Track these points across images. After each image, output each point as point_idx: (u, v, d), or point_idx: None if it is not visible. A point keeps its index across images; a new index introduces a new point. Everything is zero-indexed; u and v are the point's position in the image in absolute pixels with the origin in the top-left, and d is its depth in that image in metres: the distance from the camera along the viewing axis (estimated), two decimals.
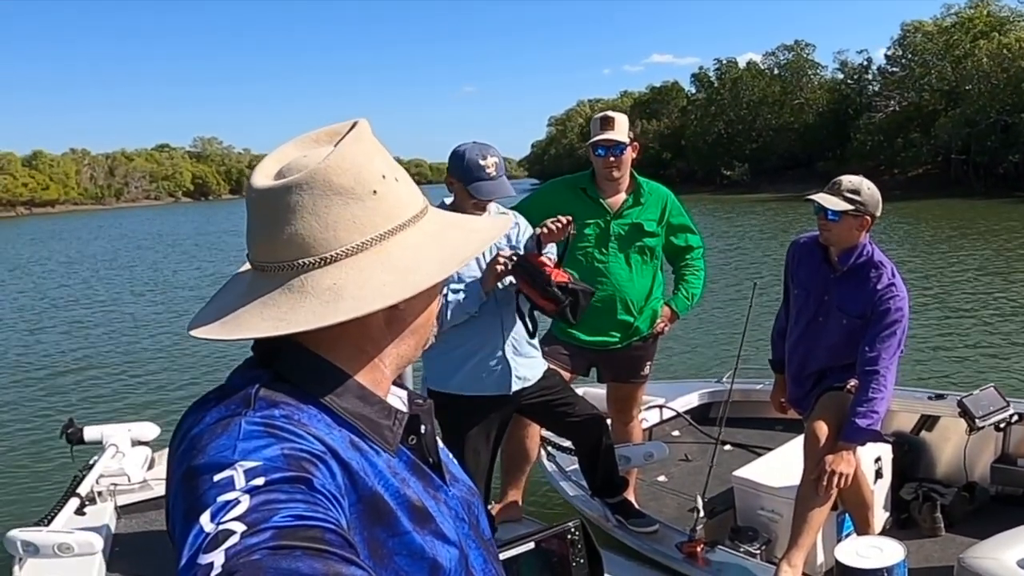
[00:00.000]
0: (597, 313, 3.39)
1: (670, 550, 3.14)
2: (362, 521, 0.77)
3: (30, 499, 5.49)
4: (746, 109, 58.44)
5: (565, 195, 3.52)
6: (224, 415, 0.77)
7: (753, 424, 4.60)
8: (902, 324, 2.89)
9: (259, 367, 0.83)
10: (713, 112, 60.85)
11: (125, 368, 9.96)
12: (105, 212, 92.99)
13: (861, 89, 52.64)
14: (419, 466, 0.89)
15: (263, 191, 0.82)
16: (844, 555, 2.62)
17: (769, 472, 3.37)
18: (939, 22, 46.30)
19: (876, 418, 2.85)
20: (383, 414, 0.86)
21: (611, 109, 3.91)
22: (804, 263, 3.14)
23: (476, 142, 2.73)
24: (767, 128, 56.35)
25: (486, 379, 2.85)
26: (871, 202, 2.89)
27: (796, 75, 57.83)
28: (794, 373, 3.22)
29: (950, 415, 3.71)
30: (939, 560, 3.16)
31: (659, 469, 4.22)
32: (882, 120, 45.88)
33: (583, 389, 4.30)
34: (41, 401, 8.55)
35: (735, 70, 62.38)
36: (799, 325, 3.16)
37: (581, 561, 1.43)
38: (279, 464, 0.70)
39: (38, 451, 6.69)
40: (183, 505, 0.69)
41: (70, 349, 11.48)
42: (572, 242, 3.34)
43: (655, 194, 3.55)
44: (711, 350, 8.75)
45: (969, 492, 3.55)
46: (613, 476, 3.28)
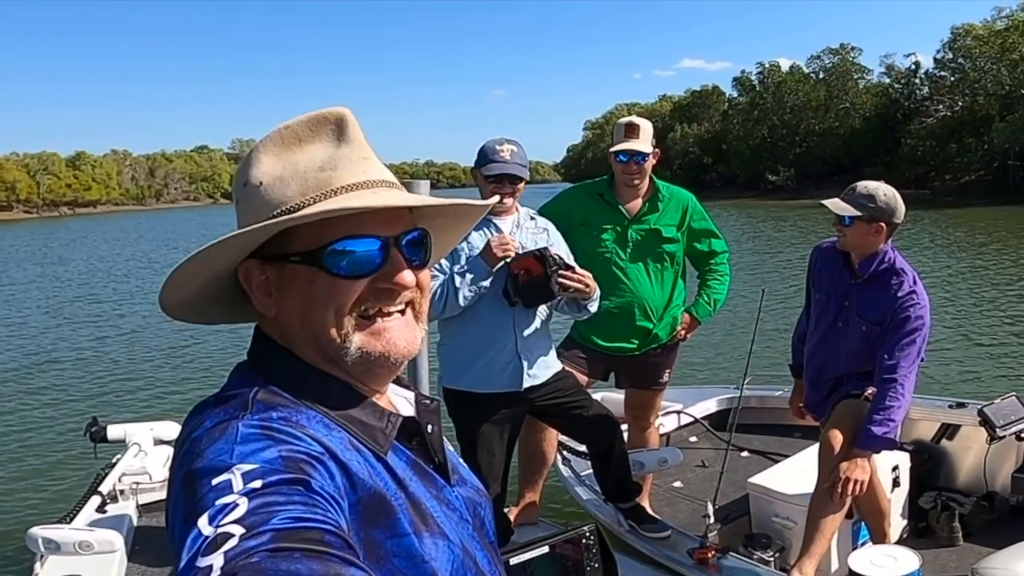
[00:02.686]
0: (616, 318, 3.39)
1: (682, 556, 3.13)
2: (361, 522, 0.77)
3: (54, 496, 5.57)
4: (790, 114, 57.97)
5: (583, 200, 3.52)
6: (222, 419, 0.78)
7: (771, 431, 4.58)
8: (922, 332, 2.86)
9: (253, 370, 0.86)
10: (756, 116, 60.43)
11: (150, 367, 10.08)
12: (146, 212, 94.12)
13: (910, 94, 51.97)
14: (421, 467, 0.89)
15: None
16: (858, 563, 2.60)
17: (784, 479, 3.35)
18: (989, 25, 45.45)
19: (892, 426, 2.83)
20: (375, 416, 0.86)
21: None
22: (826, 268, 3.13)
23: (503, 137, 2.92)
24: (811, 133, 55.83)
25: (498, 375, 2.88)
26: (887, 208, 2.87)
27: (841, 79, 57.14)
28: (811, 378, 3.21)
29: (971, 424, 3.67)
30: (956, 570, 3.12)
31: (675, 475, 4.22)
32: (934, 125, 45.15)
33: (601, 394, 4.30)
34: (66, 399, 8.67)
35: (778, 74, 61.83)
36: (819, 330, 3.15)
37: (596, 566, 1.43)
38: (277, 466, 0.71)
39: (62, 449, 6.78)
40: (183, 509, 0.70)
41: (97, 347, 11.63)
42: (591, 248, 3.36)
43: (675, 199, 3.51)
44: (732, 356, 8.68)
45: (989, 502, 3.51)
46: (626, 481, 3.28)
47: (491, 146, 2.87)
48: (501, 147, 2.85)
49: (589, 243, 3.39)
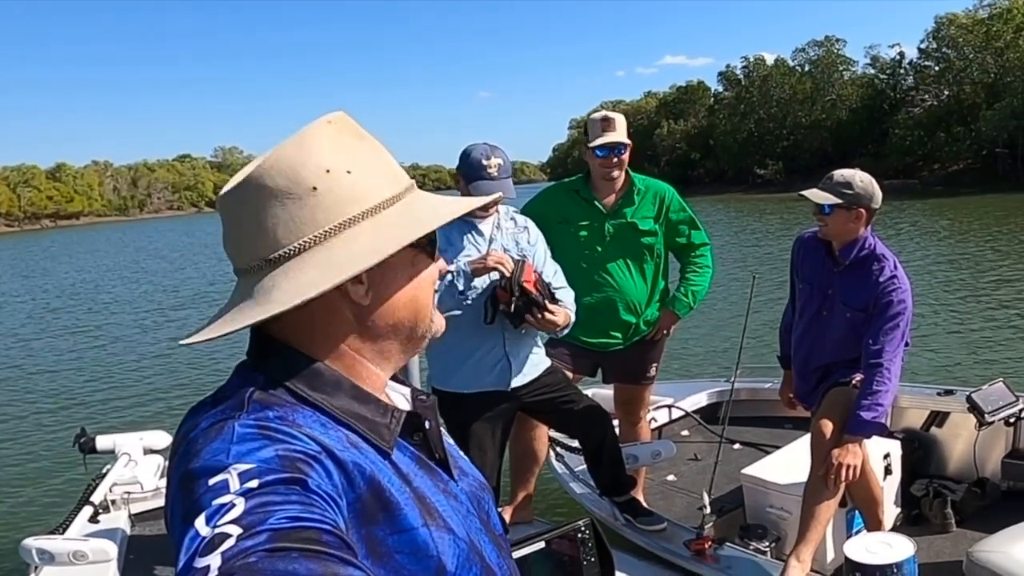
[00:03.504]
0: (598, 314, 3.39)
1: (679, 548, 3.14)
2: (360, 520, 0.77)
3: (44, 508, 5.52)
4: (776, 107, 58.05)
5: (560, 198, 3.53)
6: (218, 419, 0.77)
7: (762, 422, 4.59)
8: (905, 316, 2.88)
9: (254, 369, 0.85)
10: (742, 111, 60.44)
11: (137, 377, 10.02)
12: (129, 223, 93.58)
13: (896, 84, 52.13)
14: (425, 462, 0.89)
15: (220, 199, 0.86)
16: (853, 551, 2.61)
17: (777, 470, 3.36)
18: (972, 14, 45.64)
19: (881, 411, 2.85)
20: (379, 412, 0.86)
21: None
22: (808, 258, 3.15)
23: (486, 143, 2.84)
24: (798, 126, 55.91)
25: (486, 375, 2.87)
26: (864, 194, 2.89)
27: (827, 71, 57.18)
28: (799, 368, 3.22)
29: (959, 411, 3.69)
30: (950, 555, 3.14)
31: (668, 468, 4.22)
32: (921, 115, 45.34)
33: (591, 390, 4.30)
34: (54, 410, 8.61)
35: (763, 67, 61.84)
36: (804, 319, 3.16)
37: (592, 560, 1.42)
38: (273, 466, 0.70)
39: (51, 460, 6.73)
40: (180, 510, 0.70)
41: (83, 358, 11.55)
42: (569, 244, 3.36)
43: (651, 191, 3.49)
44: (722, 349, 8.72)
45: (980, 488, 3.53)
46: (619, 475, 3.28)
47: (477, 158, 2.77)
48: (488, 161, 2.76)
49: (568, 240, 3.39)
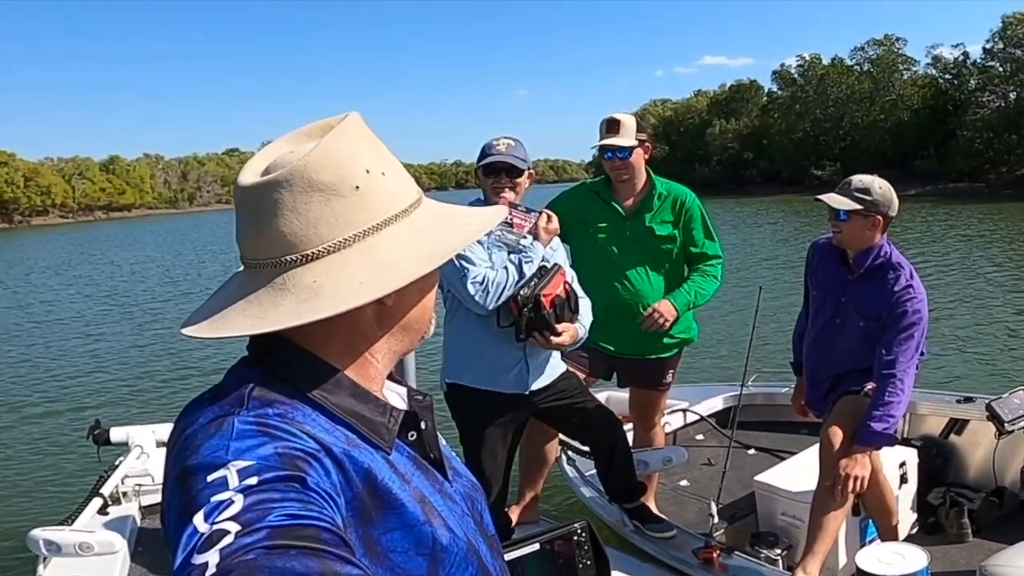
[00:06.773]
0: (616, 317, 3.33)
1: (687, 556, 3.11)
2: (358, 518, 0.76)
3: (57, 499, 5.56)
4: (833, 107, 56.65)
5: (581, 199, 3.50)
6: (218, 415, 0.76)
7: (777, 428, 4.55)
8: (920, 327, 2.84)
9: (255, 365, 0.84)
10: (798, 111, 59.05)
11: (154, 369, 10.08)
12: (180, 216, 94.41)
13: (960, 85, 50.71)
14: (421, 462, 0.89)
15: (247, 188, 0.83)
16: (865, 561, 2.58)
17: (790, 477, 3.33)
18: None
19: (892, 422, 2.80)
20: (378, 411, 0.85)
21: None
22: (823, 264, 3.11)
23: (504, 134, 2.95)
24: (856, 126, 54.61)
25: (503, 375, 2.84)
26: (882, 201, 2.85)
27: (887, 71, 55.82)
28: (810, 374, 3.19)
29: (979, 419, 3.63)
30: (966, 566, 3.10)
31: (681, 473, 4.19)
32: (989, 116, 44.19)
33: (606, 393, 4.28)
34: (70, 402, 8.68)
35: (819, 66, 60.52)
36: (816, 326, 3.13)
37: (588, 563, 1.40)
38: (273, 463, 0.70)
39: (65, 451, 6.78)
40: (178, 506, 0.69)
41: (100, 350, 11.65)
42: (588, 246, 3.34)
43: (671, 196, 3.43)
44: (740, 352, 8.63)
45: (998, 497, 3.48)
46: (630, 481, 3.25)
47: (489, 143, 2.90)
48: (497, 141, 2.89)
49: (586, 242, 3.38)
